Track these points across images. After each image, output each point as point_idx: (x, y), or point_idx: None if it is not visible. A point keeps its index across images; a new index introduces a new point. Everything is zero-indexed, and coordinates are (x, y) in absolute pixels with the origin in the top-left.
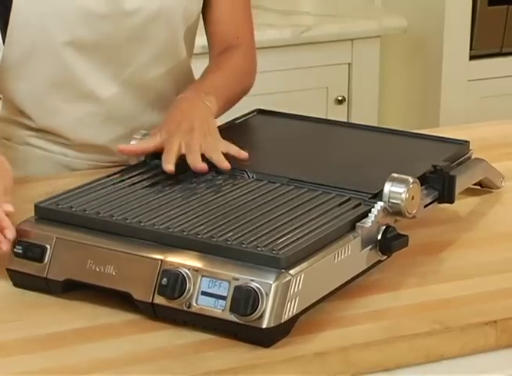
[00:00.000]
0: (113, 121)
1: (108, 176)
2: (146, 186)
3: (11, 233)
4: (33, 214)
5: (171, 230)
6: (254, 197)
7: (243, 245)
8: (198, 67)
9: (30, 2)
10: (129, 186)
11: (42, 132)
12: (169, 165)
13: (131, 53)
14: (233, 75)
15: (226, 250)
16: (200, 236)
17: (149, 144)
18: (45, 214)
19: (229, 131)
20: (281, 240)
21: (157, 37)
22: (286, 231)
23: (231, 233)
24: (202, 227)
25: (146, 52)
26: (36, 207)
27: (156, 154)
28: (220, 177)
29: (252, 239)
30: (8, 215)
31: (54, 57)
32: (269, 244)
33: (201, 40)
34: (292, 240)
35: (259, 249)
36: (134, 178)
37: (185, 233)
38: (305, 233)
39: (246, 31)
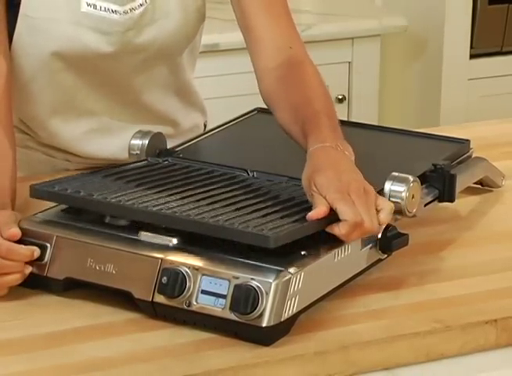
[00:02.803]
0: (113, 133)
1: (107, 168)
2: (144, 177)
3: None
4: (33, 213)
5: (163, 211)
6: (251, 192)
7: (234, 225)
8: (199, 67)
9: (31, 35)
10: (127, 176)
11: (46, 146)
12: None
13: (132, 82)
14: (328, 97)
15: (215, 229)
16: (191, 217)
17: (323, 208)
18: (40, 194)
19: (230, 131)
20: (271, 224)
21: (160, 68)
22: (277, 218)
23: (222, 217)
24: (194, 210)
25: (147, 81)
26: (31, 188)
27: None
28: (219, 173)
29: (242, 221)
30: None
31: (52, 84)
32: (259, 225)
33: (201, 39)
34: (282, 223)
35: (249, 229)
36: (133, 170)
37: (176, 214)
38: (299, 218)
39: (295, 37)
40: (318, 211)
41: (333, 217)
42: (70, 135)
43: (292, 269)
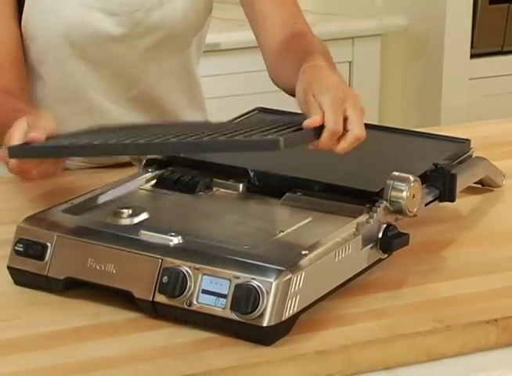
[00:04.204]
0: None
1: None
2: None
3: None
4: (33, 213)
5: (155, 141)
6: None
7: (235, 138)
8: (200, 66)
9: (38, 18)
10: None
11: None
12: None
13: (142, 71)
14: (328, 53)
15: (216, 145)
16: (186, 140)
17: (318, 117)
18: (14, 152)
19: None
20: (271, 134)
21: (169, 55)
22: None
23: (216, 137)
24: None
25: (157, 70)
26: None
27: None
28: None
29: (241, 135)
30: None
31: (60, 70)
32: (260, 134)
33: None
34: (282, 133)
35: (252, 138)
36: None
37: (171, 140)
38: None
39: (299, 16)
40: (313, 119)
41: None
42: (75, 126)
43: (293, 269)
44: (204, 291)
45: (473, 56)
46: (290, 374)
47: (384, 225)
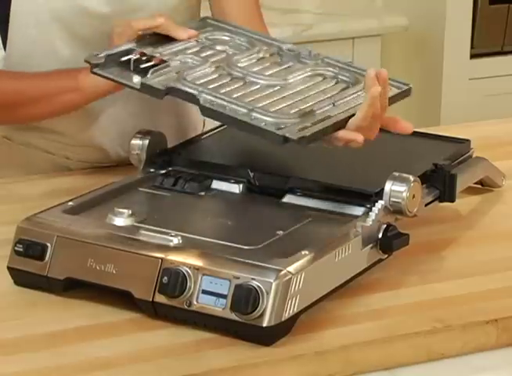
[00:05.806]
0: (118, 121)
1: None
2: None
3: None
4: (33, 213)
5: None
6: None
7: None
8: None
9: (28, 3)
10: None
11: (46, 133)
12: None
13: None
14: None
15: None
16: None
17: None
18: None
19: (230, 130)
20: None
21: None
22: None
23: None
24: None
25: None
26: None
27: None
28: None
29: None
30: None
31: (54, 57)
32: None
33: None
34: None
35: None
36: None
37: None
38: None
39: (261, 26)
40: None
41: None
42: (73, 116)
43: (293, 269)
44: (204, 291)
45: (473, 56)
46: (289, 374)
47: (384, 226)
